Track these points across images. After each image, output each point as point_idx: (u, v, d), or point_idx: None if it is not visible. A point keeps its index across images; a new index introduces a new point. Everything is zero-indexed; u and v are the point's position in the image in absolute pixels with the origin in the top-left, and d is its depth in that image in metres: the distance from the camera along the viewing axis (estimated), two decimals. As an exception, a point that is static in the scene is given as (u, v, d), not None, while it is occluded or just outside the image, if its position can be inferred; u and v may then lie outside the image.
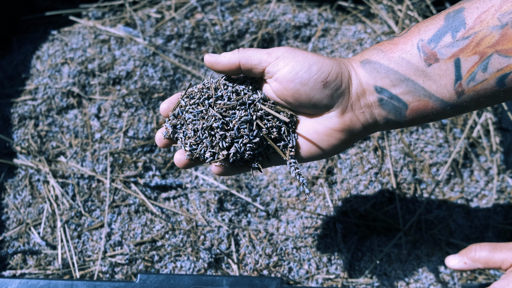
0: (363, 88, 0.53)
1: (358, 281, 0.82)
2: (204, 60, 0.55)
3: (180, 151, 0.58)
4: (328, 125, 0.54)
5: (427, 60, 0.50)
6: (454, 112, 0.52)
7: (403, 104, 0.52)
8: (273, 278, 0.68)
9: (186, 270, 0.81)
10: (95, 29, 1.09)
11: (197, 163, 0.58)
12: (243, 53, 0.54)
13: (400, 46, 0.51)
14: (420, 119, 0.53)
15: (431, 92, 0.51)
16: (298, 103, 0.54)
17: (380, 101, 0.53)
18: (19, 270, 0.82)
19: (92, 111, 0.96)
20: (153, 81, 1.00)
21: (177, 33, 1.07)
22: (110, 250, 0.83)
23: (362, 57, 0.54)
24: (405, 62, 0.51)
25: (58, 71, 1.01)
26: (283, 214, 0.88)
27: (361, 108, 0.53)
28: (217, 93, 0.55)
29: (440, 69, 0.49)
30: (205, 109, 0.55)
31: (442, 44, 0.49)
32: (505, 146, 0.95)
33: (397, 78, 0.51)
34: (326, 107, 0.53)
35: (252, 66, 0.54)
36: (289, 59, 0.52)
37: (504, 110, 0.97)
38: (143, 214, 0.87)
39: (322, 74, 0.52)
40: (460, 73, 0.49)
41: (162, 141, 0.59)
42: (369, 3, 1.11)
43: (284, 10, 1.09)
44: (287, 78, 0.52)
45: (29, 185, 0.90)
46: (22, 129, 0.95)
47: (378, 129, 0.56)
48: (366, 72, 0.53)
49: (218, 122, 0.54)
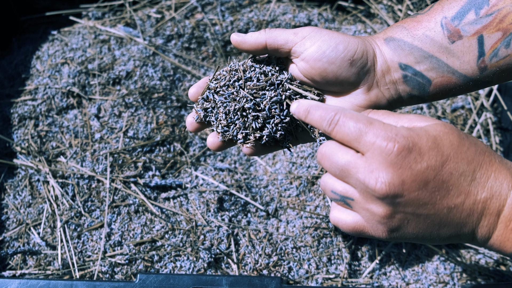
0: (388, 65, 0.53)
1: (358, 281, 0.82)
2: (230, 39, 0.55)
3: (212, 134, 0.58)
4: (355, 102, 0.55)
5: (450, 37, 0.51)
6: (476, 87, 0.53)
7: (427, 80, 0.53)
8: (273, 278, 0.68)
9: (186, 270, 0.81)
10: (95, 29, 1.09)
11: (230, 145, 0.59)
12: (270, 33, 0.54)
13: (424, 23, 0.52)
14: (443, 94, 0.54)
15: (455, 68, 0.51)
16: (325, 81, 0.54)
17: (405, 78, 0.53)
18: (19, 270, 0.82)
19: (92, 111, 0.96)
20: (153, 81, 1.00)
21: (177, 33, 1.07)
22: (110, 250, 0.83)
23: (385, 34, 0.54)
24: (429, 39, 0.51)
25: (58, 71, 1.01)
26: (283, 214, 0.88)
27: (386, 84, 0.54)
28: (245, 75, 0.56)
29: (464, 46, 0.50)
30: (236, 90, 0.55)
31: (465, 22, 0.50)
32: (505, 146, 0.95)
33: (421, 55, 0.52)
34: (353, 84, 0.54)
35: (278, 46, 0.54)
36: (315, 38, 0.53)
37: (504, 110, 0.97)
38: (143, 214, 0.87)
39: (348, 52, 0.52)
40: (483, 50, 0.50)
41: (193, 125, 0.59)
42: (369, 3, 1.11)
43: (284, 10, 1.09)
44: (314, 57, 0.53)
45: (29, 185, 0.90)
46: (22, 129, 0.95)
47: (402, 104, 0.56)
48: (390, 49, 0.53)
49: (250, 103, 0.54)
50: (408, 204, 0.41)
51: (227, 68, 0.57)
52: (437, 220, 0.41)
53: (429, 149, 0.41)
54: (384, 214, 0.42)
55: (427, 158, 0.40)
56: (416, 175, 0.40)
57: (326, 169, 0.45)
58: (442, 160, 0.41)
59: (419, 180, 0.40)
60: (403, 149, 0.40)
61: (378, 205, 0.41)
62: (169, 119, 0.97)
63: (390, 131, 0.41)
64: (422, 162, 0.40)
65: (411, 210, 0.41)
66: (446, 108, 0.98)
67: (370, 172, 0.41)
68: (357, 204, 0.43)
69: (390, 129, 0.41)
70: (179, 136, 0.96)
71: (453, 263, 0.84)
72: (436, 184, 0.40)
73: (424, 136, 0.42)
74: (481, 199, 0.40)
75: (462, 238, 0.42)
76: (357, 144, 0.42)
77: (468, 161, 0.41)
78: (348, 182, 0.43)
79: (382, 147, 0.40)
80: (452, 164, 0.41)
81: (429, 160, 0.40)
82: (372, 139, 0.41)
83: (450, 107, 0.98)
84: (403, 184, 0.40)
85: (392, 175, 0.40)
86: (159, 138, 0.94)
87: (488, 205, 0.40)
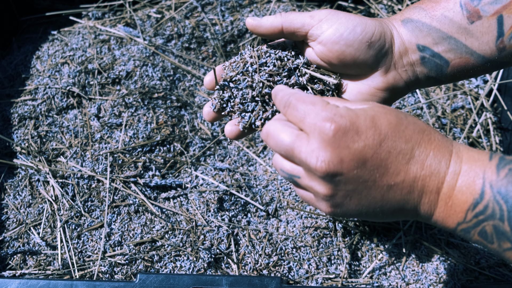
0: (406, 47, 0.53)
1: (358, 281, 0.82)
2: (246, 23, 0.55)
3: (230, 122, 0.57)
4: (372, 85, 0.54)
5: (469, 18, 0.50)
6: (494, 68, 0.53)
7: (445, 61, 0.52)
8: (273, 278, 0.68)
9: (186, 270, 0.81)
10: (95, 29, 1.09)
11: (250, 132, 0.58)
12: (286, 16, 0.53)
13: (442, 4, 0.52)
14: (461, 75, 0.54)
15: (473, 49, 0.51)
16: (342, 64, 0.54)
17: (422, 59, 0.53)
18: (19, 271, 0.82)
19: (92, 111, 0.96)
20: (153, 81, 1.00)
21: (177, 33, 1.07)
22: (110, 250, 0.83)
23: (403, 16, 0.54)
24: (447, 20, 0.51)
25: (58, 71, 1.01)
26: (283, 214, 0.88)
27: (404, 66, 0.54)
28: (260, 61, 0.55)
29: (483, 26, 0.50)
30: (251, 77, 0.55)
31: (485, 1, 0.50)
32: (505, 146, 0.95)
33: (440, 36, 0.51)
34: (371, 67, 0.53)
35: (295, 29, 0.53)
36: (332, 21, 0.52)
37: (504, 109, 0.97)
38: (143, 214, 0.87)
39: (366, 34, 0.51)
40: (503, 30, 0.49)
41: (210, 114, 0.58)
42: (369, 3, 1.11)
43: (284, 9, 1.09)
44: (332, 40, 0.52)
45: (29, 185, 0.90)
46: (22, 129, 0.95)
47: (419, 86, 0.56)
48: (408, 30, 0.53)
49: (266, 89, 0.54)
50: (348, 181, 0.42)
51: (245, 55, 0.57)
52: (379, 196, 0.42)
53: (367, 128, 0.41)
54: (325, 192, 0.43)
55: (364, 137, 0.41)
56: (354, 154, 0.41)
57: (272, 148, 0.47)
58: (379, 139, 0.41)
59: (357, 158, 0.41)
60: (339, 129, 0.41)
61: (320, 183, 0.43)
62: (169, 119, 0.97)
63: (329, 111, 0.42)
64: (360, 141, 0.41)
65: (351, 188, 0.42)
66: (446, 108, 0.98)
67: (311, 152, 0.42)
68: (303, 182, 0.45)
69: (330, 110, 0.42)
70: (179, 136, 0.96)
71: (453, 263, 0.84)
72: (375, 163, 0.41)
73: (362, 115, 0.42)
74: (420, 176, 0.41)
75: (407, 214, 0.44)
76: (302, 125, 0.44)
77: (406, 140, 0.42)
78: (293, 161, 0.45)
79: (321, 127, 0.41)
80: (389, 143, 0.41)
81: (366, 139, 0.41)
82: (313, 120, 0.42)
83: (450, 107, 0.98)
84: (342, 163, 0.41)
85: (331, 154, 0.41)
86: (159, 138, 0.94)
87: (427, 182, 0.41)
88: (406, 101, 0.98)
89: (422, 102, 0.97)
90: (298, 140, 0.43)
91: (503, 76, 0.99)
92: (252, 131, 0.58)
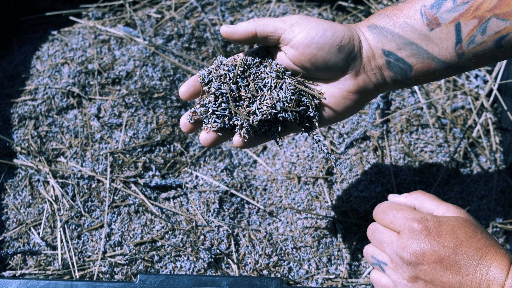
0: (373, 51, 0.56)
1: (358, 281, 0.82)
2: (220, 31, 0.57)
3: (204, 130, 0.59)
4: (344, 88, 0.57)
5: (429, 25, 0.53)
6: (455, 72, 0.56)
7: (408, 66, 0.55)
8: (273, 278, 0.68)
9: (186, 270, 0.81)
10: (95, 29, 1.09)
11: (224, 138, 0.59)
12: (259, 21, 0.56)
13: (404, 11, 0.54)
14: (424, 79, 0.56)
15: (434, 55, 0.54)
16: (314, 67, 0.56)
17: (388, 64, 0.56)
18: (19, 271, 0.82)
19: (92, 111, 0.96)
20: (153, 81, 1.00)
21: (177, 33, 1.07)
22: (110, 251, 0.83)
23: (368, 22, 0.56)
24: (409, 27, 0.53)
25: (58, 71, 1.01)
26: (283, 214, 0.88)
27: (372, 69, 0.56)
28: (234, 69, 0.57)
29: (442, 33, 0.52)
30: (228, 85, 0.57)
31: (443, 9, 0.52)
32: (505, 146, 0.95)
33: (402, 42, 0.54)
34: (341, 70, 0.56)
35: (268, 33, 0.56)
36: (303, 25, 0.54)
37: (504, 110, 0.97)
38: (143, 214, 0.87)
39: (336, 38, 0.54)
40: (461, 36, 0.52)
41: (187, 126, 0.60)
42: (369, 3, 1.11)
43: (284, 10, 1.09)
44: (304, 43, 0.54)
45: (29, 185, 0.90)
46: (22, 129, 0.95)
47: (388, 88, 0.59)
48: (374, 36, 0.55)
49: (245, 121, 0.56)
50: (427, 272, 0.51)
51: (216, 65, 0.58)
52: None
53: (447, 234, 0.52)
54: (409, 277, 0.53)
55: (444, 240, 0.51)
56: (434, 251, 0.51)
57: (371, 240, 0.59)
58: (456, 244, 0.51)
59: (436, 255, 0.51)
60: (425, 229, 0.52)
61: (405, 269, 0.53)
62: (169, 119, 0.97)
63: (417, 214, 0.54)
64: (440, 242, 0.51)
65: (429, 278, 0.51)
66: (446, 108, 0.98)
67: (401, 244, 0.53)
68: (389, 268, 0.55)
69: (417, 213, 0.54)
70: (179, 136, 0.96)
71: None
72: (450, 261, 0.50)
73: (444, 223, 0.53)
74: (485, 280, 0.50)
75: None
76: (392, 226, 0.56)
77: (477, 249, 0.51)
78: (384, 251, 0.56)
79: (411, 226, 0.53)
80: (464, 249, 0.51)
81: (445, 242, 0.51)
82: (403, 221, 0.54)
83: (450, 107, 0.98)
84: (424, 256, 0.51)
85: (416, 247, 0.52)
86: (159, 138, 0.94)
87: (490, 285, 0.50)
88: (406, 101, 0.98)
89: (422, 102, 0.97)
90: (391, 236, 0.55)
91: (503, 76, 0.99)
92: (226, 137, 0.59)
